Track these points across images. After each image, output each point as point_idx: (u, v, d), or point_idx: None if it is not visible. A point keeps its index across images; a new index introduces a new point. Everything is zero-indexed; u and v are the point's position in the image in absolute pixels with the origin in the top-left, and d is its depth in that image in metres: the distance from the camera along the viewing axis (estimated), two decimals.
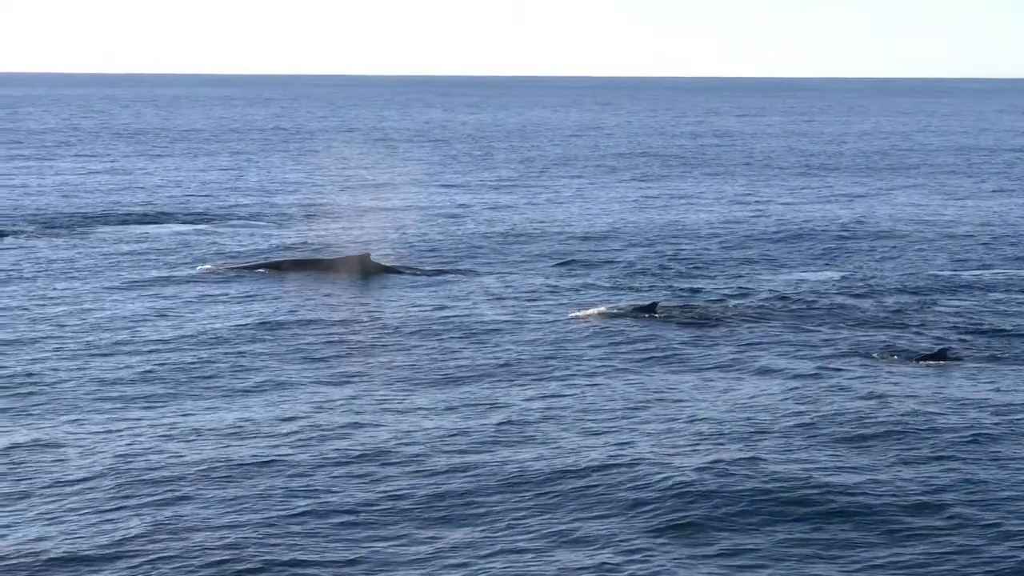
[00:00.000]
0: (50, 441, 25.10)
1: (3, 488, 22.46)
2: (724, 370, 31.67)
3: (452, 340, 34.90)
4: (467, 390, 29.52)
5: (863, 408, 27.89)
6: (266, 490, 22.32)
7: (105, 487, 22.49)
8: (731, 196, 75.87)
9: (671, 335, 35.56)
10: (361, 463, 23.89)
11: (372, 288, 42.76)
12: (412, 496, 22.17)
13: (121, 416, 27.12)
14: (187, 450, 24.62)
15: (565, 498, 22.11)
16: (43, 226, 58.36)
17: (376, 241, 53.24)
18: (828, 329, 36.64)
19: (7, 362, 31.76)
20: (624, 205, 70.26)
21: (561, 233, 57.65)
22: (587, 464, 23.78)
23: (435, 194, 74.32)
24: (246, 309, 38.52)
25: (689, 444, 25.22)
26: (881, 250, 53.78)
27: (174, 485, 22.54)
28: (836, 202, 72.99)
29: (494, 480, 22.95)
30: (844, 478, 23.21)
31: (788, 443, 25.42)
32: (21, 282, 43.38)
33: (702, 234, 58.00)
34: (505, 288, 43.15)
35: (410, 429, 26.19)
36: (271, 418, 26.89)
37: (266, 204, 69.11)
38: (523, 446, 25.03)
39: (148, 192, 74.30)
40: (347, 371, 31.21)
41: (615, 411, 27.67)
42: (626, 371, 31.50)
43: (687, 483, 22.50)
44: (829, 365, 32.19)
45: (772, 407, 28.05)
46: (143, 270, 46.13)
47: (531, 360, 32.55)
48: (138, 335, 34.86)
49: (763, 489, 22.36)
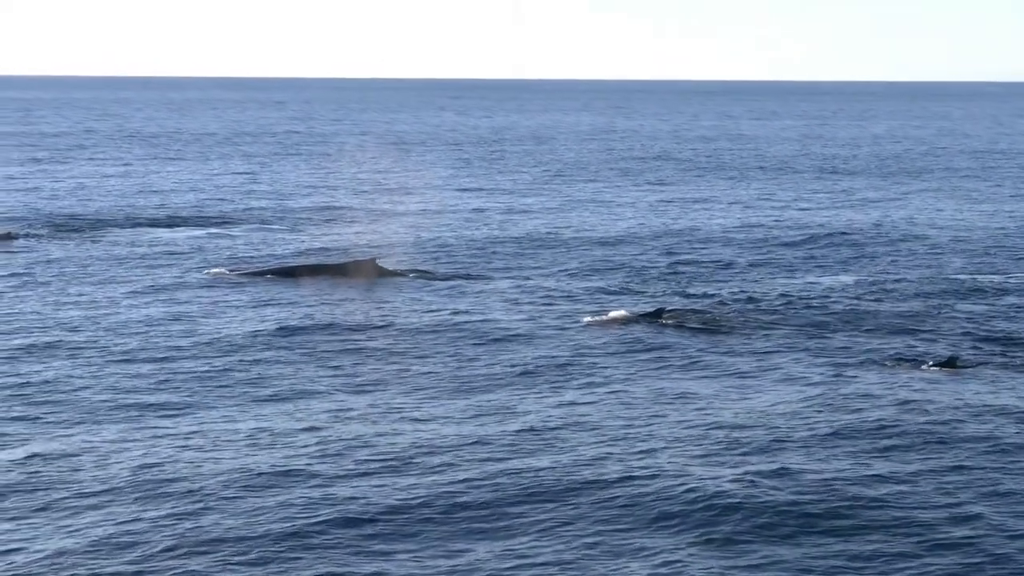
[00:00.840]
0: (67, 451, 24.89)
1: (20, 501, 22.23)
2: (740, 377, 31.43)
3: (465, 346, 34.70)
4: (483, 397, 29.31)
5: (884, 416, 27.66)
6: (287, 501, 22.09)
7: (123, 500, 22.27)
8: (745, 200, 75.57)
9: (684, 342, 35.30)
10: (382, 474, 23.65)
11: (380, 293, 42.54)
12: (434, 506, 21.97)
13: (137, 425, 26.90)
14: (205, 460, 24.42)
15: (589, 509, 21.89)
16: (56, 229, 58.26)
17: (387, 245, 53.17)
18: (843, 335, 36.41)
19: (22, 369, 31.61)
20: (637, 209, 70.03)
21: (575, 238, 57.43)
22: (609, 474, 23.58)
23: (448, 198, 74.15)
24: (258, 315, 38.32)
25: (710, 453, 25.00)
26: (896, 255, 53.51)
27: (194, 497, 22.30)
28: (850, 206, 72.70)
29: (515, 491, 22.73)
30: (870, 489, 23.01)
31: (810, 453, 25.19)
32: (35, 286, 43.25)
33: (716, 238, 57.76)
34: (517, 293, 42.92)
35: (430, 437, 25.98)
36: (289, 427, 26.68)
37: (278, 208, 68.95)
38: (543, 455, 24.80)
39: (161, 196, 74.15)
40: (363, 379, 31.02)
41: (633, 419, 27.43)
42: (641, 378, 31.25)
43: (713, 494, 22.29)
44: (845, 372, 31.97)
45: (791, 415, 27.83)
46: (155, 274, 45.97)
47: (546, 367, 32.30)
48: (152, 341, 34.68)
49: (791, 500, 22.16)
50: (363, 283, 44.01)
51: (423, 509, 21.84)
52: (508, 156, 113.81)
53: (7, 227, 56.95)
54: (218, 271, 46.32)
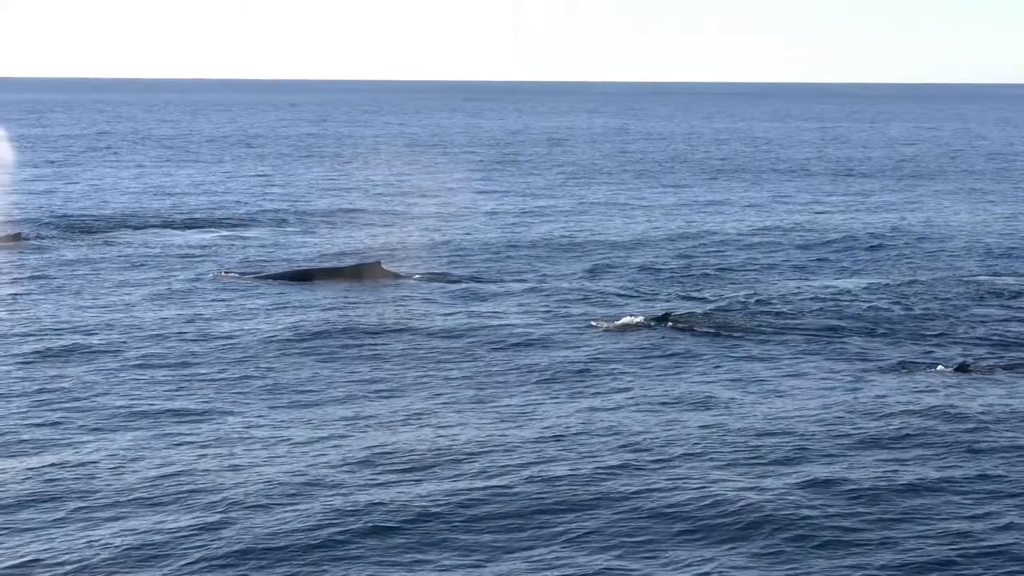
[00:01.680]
0: (82, 460, 24.56)
1: (38, 511, 21.89)
2: (757, 383, 31.07)
3: (475, 350, 34.39)
4: (500, 403, 29.01)
5: (907, 423, 27.44)
6: (309, 510, 21.67)
7: (142, 510, 21.97)
8: (759, 203, 75.28)
9: (702, 347, 34.95)
10: (405, 481, 23.33)
11: (385, 297, 42.22)
12: (458, 515, 21.67)
13: (155, 432, 26.56)
14: (225, 468, 24.12)
15: (614, 519, 21.58)
16: (70, 231, 58.26)
17: (397, 248, 53.05)
18: (859, 339, 36.12)
19: (37, 374, 31.39)
20: (651, 212, 69.77)
21: (589, 241, 57.10)
22: (633, 484, 23.30)
23: (462, 201, 73.84)
24: (269, 319, 37.99)
25: (734, 463, 24.68)
26: (912, 257, 53.16)
27: (216, 507, 21.98)
28: (866, 209, 72.36)
29: (539, 499, 22.40)
30: (900, 497, 22.79)
31: (835, 460, 24.87)
32: (49, 289, 43.07)
33: (731, 242, 57.42)
34: (528, 297, 42.51)
35: (450, 444, 25.64)
36: (308, 435, 26.33)
37: (290, 209, 68.83)
38: (565, 463, 24.43)
39: (174, 198, 74.05)
40: (378, 384, 30.69)
41: (653, 427, 27.05)
42: (659, 384, 30.90)
43: (741, 505, 22.00)
44: (864, 377, 31.69)
45: (812, 421, 27.56)
46: (166, 277, 45.82)
47: (562, 372, 31.97)
48: (166, 345, 34.46)
49: (820, 510, 21.89)
50: (370, 286, 43.73)
51: (448, 517, 21.54)
52: (522, 158, 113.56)
53: (22, 229, 56.86)
54: (226, 274, 46.12)
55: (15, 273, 46.83)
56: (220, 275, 46.11)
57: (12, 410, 28.14)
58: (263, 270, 47.21)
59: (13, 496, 22.47)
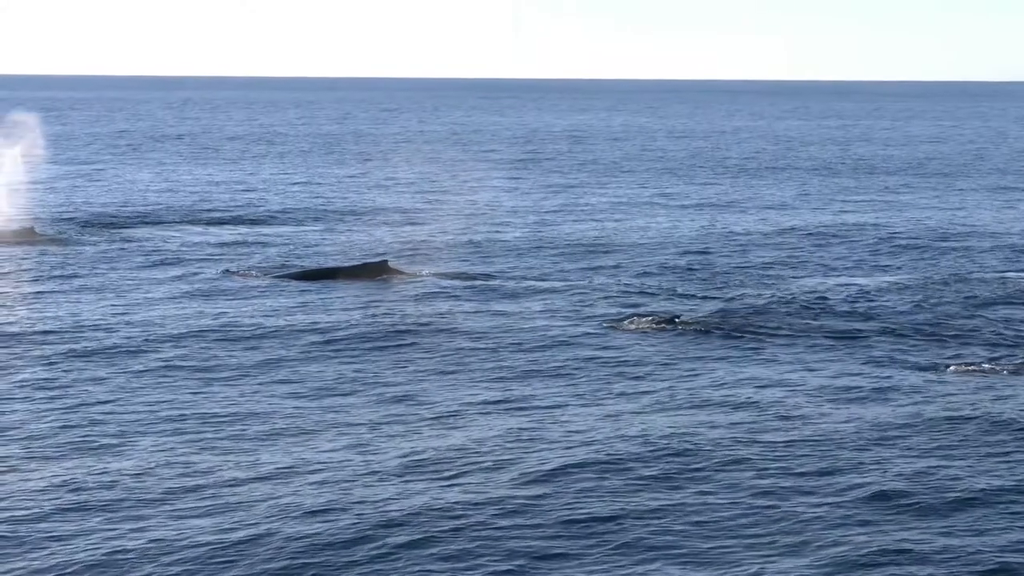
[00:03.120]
0: (105, 469, 24.12)
1: (60, 520, 21.48)
2: (784, 386, 30.48)
3: (495, 351, 33.86)
4: (521, 405, 28.50)
5: (941, 425, 27.04)
6: (343, 529, 21.02)
7: (166, 519, 21.60)
8: (779, 201, 74.86)
9: (725, 349, 34.39)
10: (435, 490, 22.93)
11: (393, 295, 41.84)
12: (496, 526, 21.21)
13: (179, 438, 26.14)
14: (249, 479, 23.77)
15: (660, 531, 21.15)
16: (84, 227, 58.46)
17: (410, 246, 52.91)
18: (879, 339, 35.55)
19: (55, 374, 31.09)
20: (673, 209, 69.38)
21: (608, 239, 56.65)
22: (668, 489, 22.93)
23: (482, 199, 73.43)
24: (279, 319, 37.54)
25: (766, 468, 24.26)
26: (936, 256, 52.59)
27: (241, 525, 21.55)
28: (889, 207, 71.89)
29: (572, 508, 21.99)
30: (956, 506, 22.42)
31: (874, 467, 24.43)
32: (65, 288, 42.78)
33: (754, 240, 56.96)
34: (544, 296, 41.89)
35: (481, 451, 25.14)
36: (335, 438, 25.92)
37: (312, 208, 68.69)
38: (593, 469, 23.98)
39: (193, 195, 74.05)
40: (398, 388, 30.13)
41: (681, 429, 26.57)
42: (686, 387, 30.28)
43: (800, 519, 21.61)
44: (893, 378, 31.18)
45: (843, 423, 27.15)
46: (180, 276, 45.47)
47: (582, 374, 31.25)
48: (185, 345, 34.09)
49: (886, 525, 21.50)
50: (378, 285, 43.40)
51: (486, 529, 21.08)
52: (542, 156, 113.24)
53: (36, 224, 56.84)
54: (243, 273, 45.93)
55: (32, 269, 46.80)
56: (238, 273, 45.94)
57: (31, 411, 27.83)
58: (273, 268, 47.03)
59: (36, 501, 22.07)
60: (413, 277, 44.99)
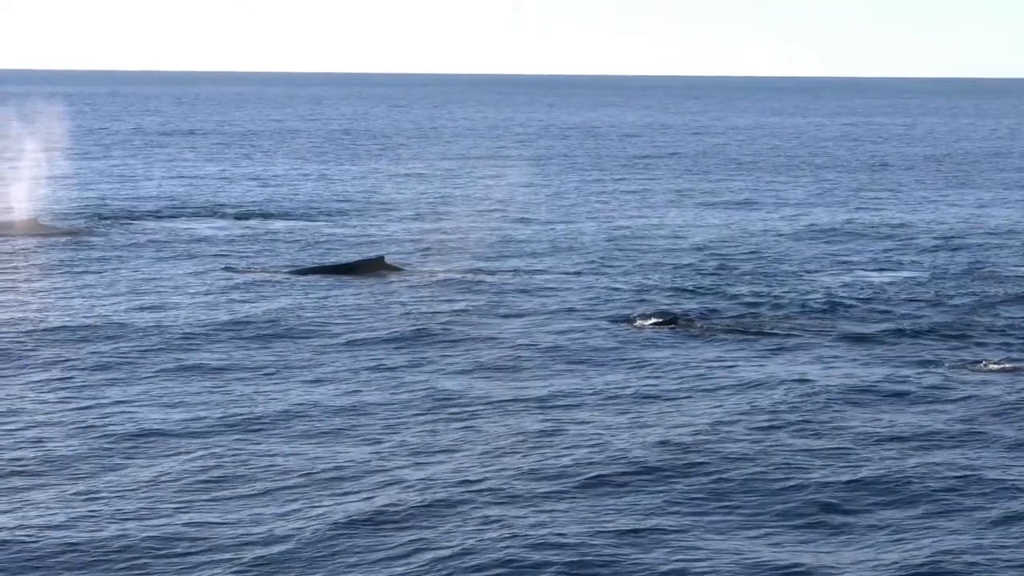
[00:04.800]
0: (133, 478, 23.69)
1: (84, 530, 21.14)
2: (805, 382, 30.22)
3: (500, 350, 33.57)
4: (536, 407, 28.19)
5: (959, 423, 26.92)
6: (373, 546, 20.42)
7: (176, 525, 21.29)
8: (799, 198, 74.57)
9: (743, 347, 34.04)
10: (449, 486, 22.70)
11: (387, 292, 41.59)
12: (506, 522, 20.99)
13: (201, 440, 25.84)
14: (263, 476, 23.56)
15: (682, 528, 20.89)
16: (93, 220, 58.60)
17: (410, 243, 53.11)
18: (896, 339, 35.35)
19: (63, 371, 30.93)
20: (683, 208, 69.11)
21: (621, 237, 56.35)
22: (693, 494, 22.64)
23: (495, 195, 73.19)
24: (283, 317, 37.32)
25: (788, 466, 24.00)
26: (952, 254, 52.19)
27: (257, 521, 21.33)
28: (905, 205, 71.55)
29: (591, 522, 21.64)
30: (981, 501, 22.33)
31: (897, 465, 24.19)
32: (78, 285, 42.66)
33: (771, 238, 56.68)
34: (538, 295, 41.54)
35: (494, 456, 24.85)
36: (358, 454, 25.50)
37: (323, 204, 68.63)
38: (611, 486, 23.61)
39: (204, 190, 74.06)
40: (408, 391, 29.83)
41: (702, 432, 26.19)
42: (702, 388, 29.95)
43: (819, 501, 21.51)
44: (912, 378, 30.89)
45: (864, 422, 26.92)
46: (189, 273, 45.43)
47: (591, 374, 31.03)
48: (198, 345, 33.92)
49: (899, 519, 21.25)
50: (373, 282, 43.33)
51: (502, 525, 20.79)
52: (554, 152, 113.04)
53: (39, 216, 56.92)
54: (237, 271, 45.84)
55: (46, 262, 47.06)
56: (238, 270, 45.95)
57: (41, 407, 27.68)
58: (272, 265, 47.10)
59: (57, 511, 21.75)
60: (409, 274, 45.03)
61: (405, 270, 45.54)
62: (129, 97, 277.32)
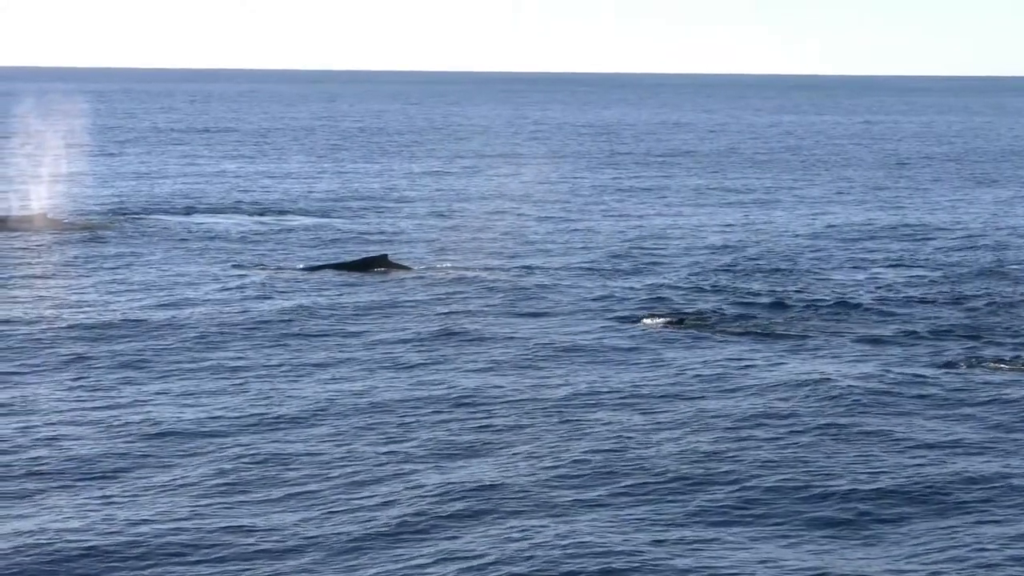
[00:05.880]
0: (139, 475, 23.69)
1: (106, 538, 20.82)
2: (824, 383, 29.93)
3: (490, 349, 33.37)
4: (551, 409, 27.89)
5: (979, 426, 26.73)
6: (391, 552, 20.21)
7: (193, 520, 21.11)
8: (816, 197, 74.28)
9: (760, 348, 33.75)
10: (467, 480, 22.51)
11: (389, 289, 41.47)
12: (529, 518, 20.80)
13: (221, 441, 25.64)
14: (290, 493, 23.15)
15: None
16: (116, 218, 58.60)
17: (413, 240, 53.13)
18: (912, 338, 35.16)
19: (92, 371, 30.76)
20: (699, 206, 68.87)
21: (634, 236, 56.07)
22: (714, 498, 22.44)
23: (508, 194, 73.00)
24: (310, 316, 37.23)
25: (810, 465, 23.78)
26: (963, 255, 51.81)
27: (278, 514, 21.19)
28: (914, 204, 71.20)
29: (603, 512, 21.52)
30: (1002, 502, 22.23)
31: (920, 468, 24.02)
32: (106, 285, 42.54)
33: (787, 238, 56.33)
34: (553, 293, 41.36)
35: (512, 460, 24.61)
36: (368, 446, 25.36)
37: (323, 200, 68.57)
38: (622, 475, 23.44)
39: (219, 187, 74.00)
40: (396, 382, 29.85)
41: (722, 440, 25.80)
42: (719, 389, 29.68)
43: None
44: (931, 378, 30.67)
45: (888, 423, 26.79)
46: (182, 269, 45.39)
47: (606, 375, 30.77)
48: (214, 344, 33.81)
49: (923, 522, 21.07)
50: (381, 280, 43.29)
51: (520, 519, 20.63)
52: (570, 150, 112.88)
53: (48, 210, 56.97)
54: (243, 267, 46.03)
55: (67, 257, 47.28)
56: (244, 267, 46.04)
57: (62, 411, 27.49)
58: (278, 262, 47.22)
59: (72, 513, 21.60)
60: (415, 272, 45.11)
61: (412, 268, 45.55)
62: (142, 94, 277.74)
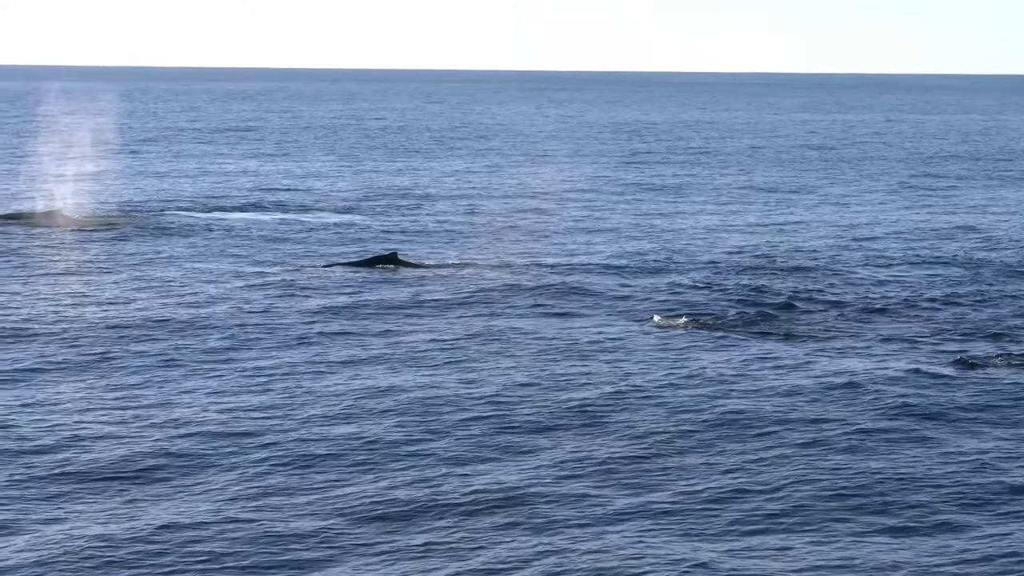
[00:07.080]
0: (160, 475, 23.71)
1: (127, 548, 20.71)
2: (845, 386, 29.83)
3: (510, 347, 33.36)
4: (565, 410, 27.82)
5: (998, 425, 26.59)
6: (410, 554, 20.11)
7: (212, 512, 21.17)
8: (831, 197, 74.03)
9: (780, 348, 33.64)
10: (490, 474, 22.44)
11: (396, 287, 41.52)
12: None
13: (239, 442, 25.61)
14: (294, 468, 23.37)
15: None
16: (139, 216, 58.76)
17: (420, 238, 53.42)
18: (931, 337, 35.18)
19: (113, 371, 30.79)
20: (719, 205, 68.72)
21: (654, 234, 55.97)
22: (727, 501, 22.40)
23: (524, 192, 72.92)
24: (329, 315, 37.31)
25: (830, 466, 23.69)
26: (986, 254, 51.52)
27: (304, 505, 21.20)
28: (938, 203, 70.93)
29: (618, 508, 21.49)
30: None
31: (941, 465, 23.93)
32: (128, 283, 42.61)
33: (808, 237, 56.12)
34: (570, 292, 41.22)
35: (537, 467, 24.44)
36: (391, 447, 25.27)
37: (336, 199, 68.70)
38: (632, 473, 23.39)
39: (238, 186, 74.16)
40: (393, 378, 29.85)
41: (745, 441, 25.75)
42: (740, 390, 29.48)
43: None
44: (946, 378, 30.54)
45: (910, 421, 26.80)
46: (198, 268, 45.57)
47: (619, 375, 30.62)
48: (236, 344, 33.80)
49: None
50: (385, 277, 43.53)
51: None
52: (590, 149, 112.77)
53: (62, 208, 57.05)
54: (255, 265, 46.14)
55: (79, 255, 47.46)
56: (257, 265, 46.15)
57: (84, 410, 27.51)
58: (293, 261, 47.26)
59: (94, 514, 21.62)
60: (419, 268, 45.45)
61: (422, 266, 45.79)
62: (162, 92, 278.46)
